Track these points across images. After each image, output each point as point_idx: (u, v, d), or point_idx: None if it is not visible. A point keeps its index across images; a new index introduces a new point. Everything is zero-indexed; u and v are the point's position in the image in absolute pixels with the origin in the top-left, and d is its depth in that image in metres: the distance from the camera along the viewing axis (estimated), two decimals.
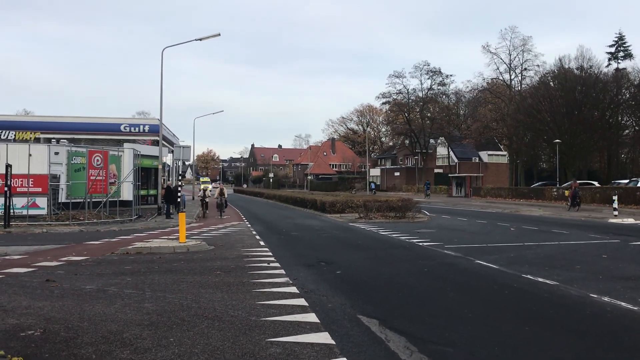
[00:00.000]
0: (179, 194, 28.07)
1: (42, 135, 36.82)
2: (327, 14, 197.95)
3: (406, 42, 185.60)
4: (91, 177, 24.43)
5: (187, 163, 48.84)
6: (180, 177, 34.13)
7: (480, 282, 9.59)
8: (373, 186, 73.74)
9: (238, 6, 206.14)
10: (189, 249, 14.09)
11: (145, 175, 37.16)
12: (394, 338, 6.03)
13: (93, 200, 24.89)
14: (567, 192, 40.40)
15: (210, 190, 27.92)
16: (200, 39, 28.55)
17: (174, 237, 16.76)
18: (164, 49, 29.41)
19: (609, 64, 77.67)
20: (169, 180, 37.68)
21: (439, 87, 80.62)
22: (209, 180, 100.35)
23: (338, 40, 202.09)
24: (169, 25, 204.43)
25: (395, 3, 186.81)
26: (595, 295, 8.18)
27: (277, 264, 11.56)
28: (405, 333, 6.20)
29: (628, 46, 79.97)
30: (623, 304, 7.63)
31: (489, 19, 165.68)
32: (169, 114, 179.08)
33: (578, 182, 40.42)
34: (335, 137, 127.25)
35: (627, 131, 70.67)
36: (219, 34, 28.77)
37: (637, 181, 42.33)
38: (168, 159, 43.49)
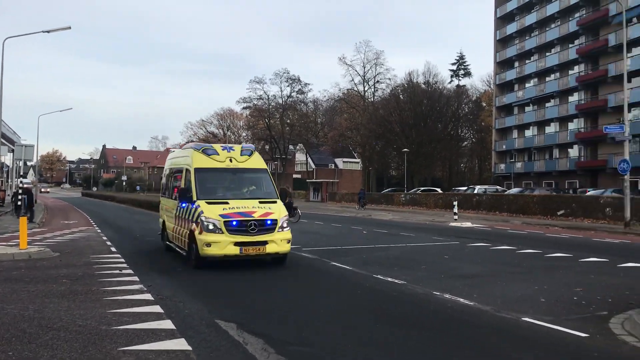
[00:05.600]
0: (20, 197, 25.72)
1: None
2: (190, 14, 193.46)
3: (268, 48, 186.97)
4: None
5: (29, 164, 44.98)
6: (21, 179, 31.13)
7: (335, 283, 9.96)
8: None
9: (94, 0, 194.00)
10: (30, 256, 12.98)
11: None
12: (252, 341, 6.06)
13: None
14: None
15: None
16: (48, 31, 26.49)
17: (14, 243, 15.34)
18: (5, 39, 26.84)
19: (452, 81, 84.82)
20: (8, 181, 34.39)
21: (297, 95, 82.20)
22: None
23: (200, 41, 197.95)
24: (15, 16, 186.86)
25: (259, 9, 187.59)
26: (438, 293, 8.86)
27: (130, 271, 11.05)
28: (263, 335, 6.25)
29: (467, 65, 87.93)
30: (461, 299, 8.35)
31: (346, 31, 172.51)
32: (10, 110, 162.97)
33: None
34: (194, 140, 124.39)
35: (465, 143, 77.74)
36: (70, 27, 26.81)
37: (474, 188, 46.53)
38: (7, 158, 39.71)
